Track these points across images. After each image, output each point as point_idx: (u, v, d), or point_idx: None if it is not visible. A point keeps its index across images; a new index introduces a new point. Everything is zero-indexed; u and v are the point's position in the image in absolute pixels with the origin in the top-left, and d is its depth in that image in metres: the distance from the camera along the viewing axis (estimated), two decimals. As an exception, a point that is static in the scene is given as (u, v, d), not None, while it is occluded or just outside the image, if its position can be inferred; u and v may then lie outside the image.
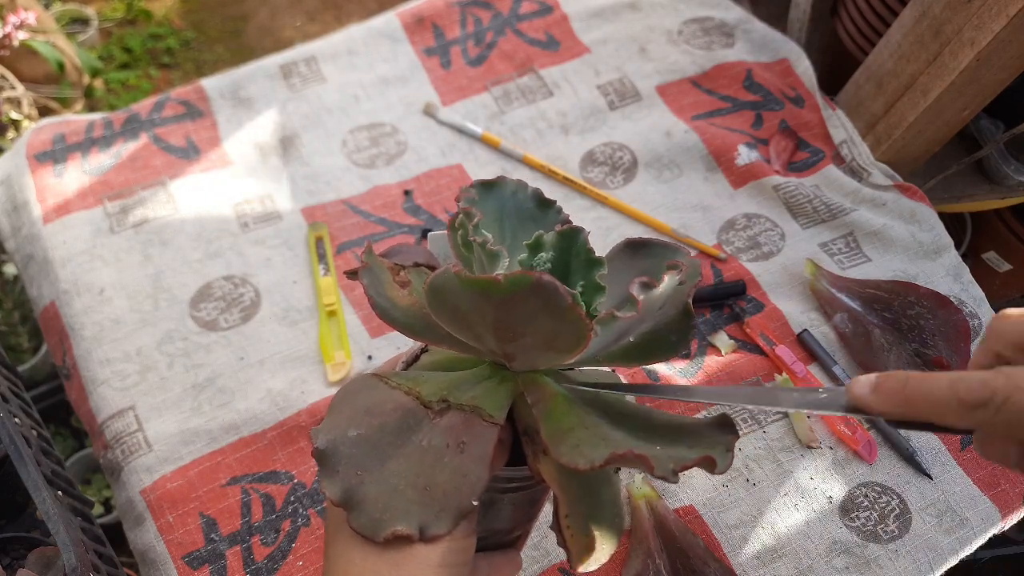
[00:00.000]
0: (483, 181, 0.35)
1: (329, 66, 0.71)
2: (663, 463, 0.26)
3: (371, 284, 0.33)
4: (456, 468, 0.29)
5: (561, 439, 0.29)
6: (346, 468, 0.29)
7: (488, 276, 0.26)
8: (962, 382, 0.24)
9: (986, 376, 0.23)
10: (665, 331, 0.33)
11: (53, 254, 0.60)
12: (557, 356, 0.30)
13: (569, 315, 0.26)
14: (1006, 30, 0.55)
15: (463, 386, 0.32)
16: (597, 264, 0.31)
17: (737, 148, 0.66)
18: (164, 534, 0.49)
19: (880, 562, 0.49)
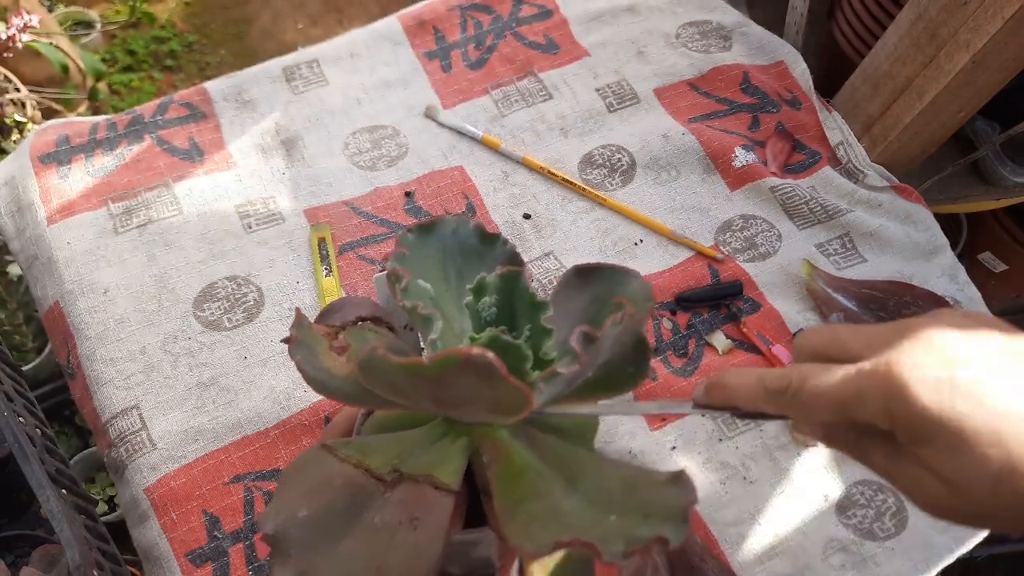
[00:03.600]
0: (420, 223, 0.34)
1: (331, 69, 0.72)
2: (613, 546, 0.25)
3: (304, 358, 0.32)
4: (410, 547, 0.28)
5: (512, 513, 0.28)
6: (297, 552, 0.28)
7: (413, 360, 0.25)
8: (767, 375, 0.30)
9: (785, 370, 0.30)
10: (621, 364, 0.32)
11: (57, 255, 0.60)
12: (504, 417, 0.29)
13: (504, 386, 0.25)
14: (1001, 32, 0.55)
15: (415, 451, 0.31)
16: (541, 307, 0.30)
17: (734, 150, 0.66)
18: (167, 532, 0.50)
19: (877, 560, 0.49)
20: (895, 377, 0.27)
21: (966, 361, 0.27)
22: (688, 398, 0.32)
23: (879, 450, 0.29)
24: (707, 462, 0.53)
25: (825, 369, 0.29)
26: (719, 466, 0.52)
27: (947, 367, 0.27)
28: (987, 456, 0.25)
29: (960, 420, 0.26)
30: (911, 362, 0.27)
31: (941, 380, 0.26)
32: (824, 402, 0.28)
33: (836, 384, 0.28)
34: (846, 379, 0.28)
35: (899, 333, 0.29)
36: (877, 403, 0.27)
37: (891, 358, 0.27)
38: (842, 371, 0.28)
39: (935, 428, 0.26)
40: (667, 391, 0.55)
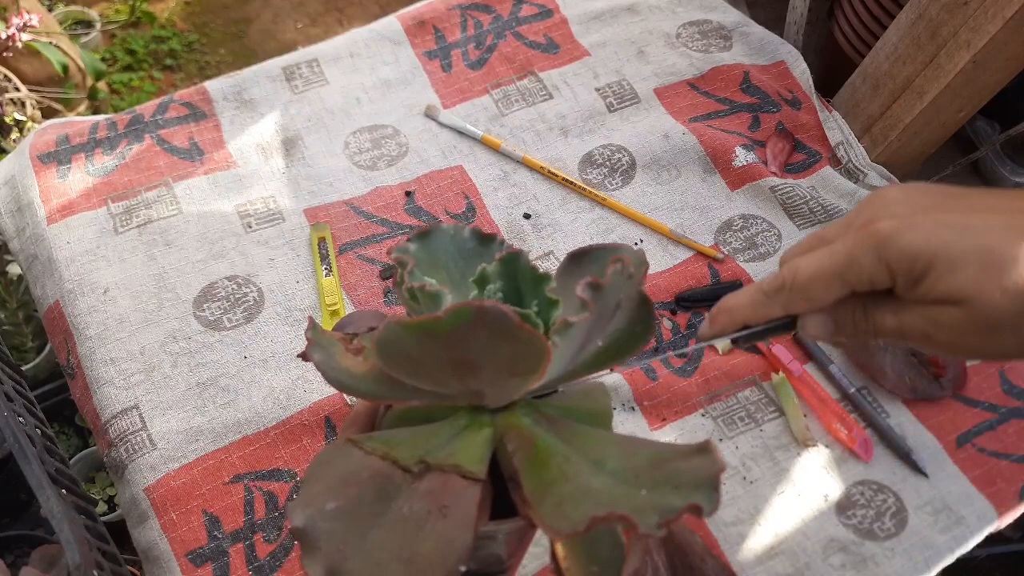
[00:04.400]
0: (418, 231, 0.35)
1: (331, 68, 0.72)
2: (648, 518, 0.25)
3: (323, 359, 0.32)
4: (440, 535, 0.28)
5: (543, 496, 0.28)
6: (327, 544, 0.28)
7: (429, 315, 0.25)
8: (762, 283, 0.32)
9: (777, 272, 0.32)
10: (629, 325, 0.33)
11: (57, 254, 0.60)
12: (524, 380, 0.29)
13: (521, 334, 0.26)
14: (1002, 32, 0.55)
15: (440, 442, 0.31)
16: (544, 279, 0.30)
17: (734, 150, 0.66)
18: (167, 532, 0.50)
19: (877, 560, 0.49)
20: (879, 229, 0.29)
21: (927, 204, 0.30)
22: None
23: (886, 311, 0.30)
24: (707, 462, 0.53)
25: (811, 254, 0.31)
26: (719, 466, 0.52)
27: (917, 211, 0.29)
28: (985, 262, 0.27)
29: (948, 243, 0.28)
30: (886, 214, 0.29)
31: (918, 219, 0.29)
32: (822, 278, 0.30)
33: (828, 258, 0.30)
34: (835, 251, 0.30)
35: (865, 205, 0.31)
36: (870, 258, 0.29)
37: (867, 218, 0.30)
38: (827, 247, 0.30)
39: (930, 257, 0.28)
40: (667, 391, 0.55)
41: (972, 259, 0.28)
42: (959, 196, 0.30)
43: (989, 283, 0.27)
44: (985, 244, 0.28)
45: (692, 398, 0.55)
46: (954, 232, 0.28)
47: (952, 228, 0.28)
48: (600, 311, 0.28)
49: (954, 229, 0.28)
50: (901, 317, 0.30)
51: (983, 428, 0.54)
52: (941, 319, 0.29)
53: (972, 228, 0.28)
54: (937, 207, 0.29)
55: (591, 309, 0.27)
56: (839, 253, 0.30)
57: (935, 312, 0.29)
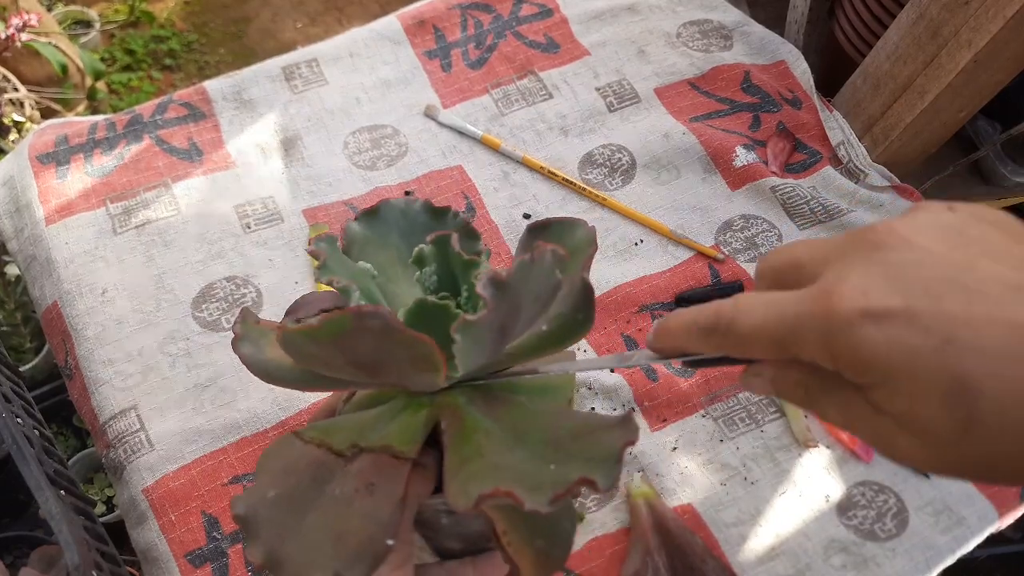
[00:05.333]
0: (365, 210, 0.35)
1: (331, 68, 0.72)
2: (537, 495, 0.24)
3: (250, 352, 0.32)
4: (367, 512, 0.29)
5: (456, 473, 0.28)
6: (267, 530, 0.29)
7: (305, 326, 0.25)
8: (700, 312, 0.26)
9: (720, 304, 0.25)
10: (572, 312, 0.32)
11: (56, 255, 0.60)
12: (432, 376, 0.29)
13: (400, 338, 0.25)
14: (1003, 32, 0.55)
15: (376, 425, 0.32)
16: (472, 265, 0.30)
17: (735, 150, 0.66)
18: (166, 532, 0.50)
19: (878, 560, 0.49)
20: (834, 307, 0.22)
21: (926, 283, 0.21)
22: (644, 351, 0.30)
23: (833, 400, 0.24)
24: (708, 463, 0.52)
25: (762, 299, 0.24)
26: (720, 467, 0.52)
27: (899, 292, 0.21)
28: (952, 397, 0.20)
29: (913, 361, 0.21)
30: (855, 287, 0.22)
31: (888, 310, 0.21)
32: (758, 339, 0.24)
33: (771, 318, 0.24)
34: (781, 311, 0.23)
35: (856, 245, 0.23)
36: (815, 340, 0.22)
37: (831, 283, 0.22)
38: (779, 300, 0.24)
39: (885, 371, 0.21)
40: (668, 392, 0.55)
41: (940, 387, 0.21)
42: (982, 247, 0.22)
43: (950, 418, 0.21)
44: (965, 368, 0.20)
45: (693, 399, 0.55)
46: (932, 340, 0.21)
47: (932, 332, 0.21)
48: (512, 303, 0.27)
49: (934, 334, 0.21)
50: (849, 414, 0.24)
51: (984, 429, 0.54)
52: (889, 438, 0.23)
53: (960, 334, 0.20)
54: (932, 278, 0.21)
55: (490, 307, 0.26)
56: (787, 318, 0.23)
57: (884, 426, 0.23)
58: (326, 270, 0.31)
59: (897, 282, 0.22)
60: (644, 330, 0.58)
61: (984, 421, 0.20)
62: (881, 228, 0.24)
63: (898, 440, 0.23)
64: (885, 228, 0.24)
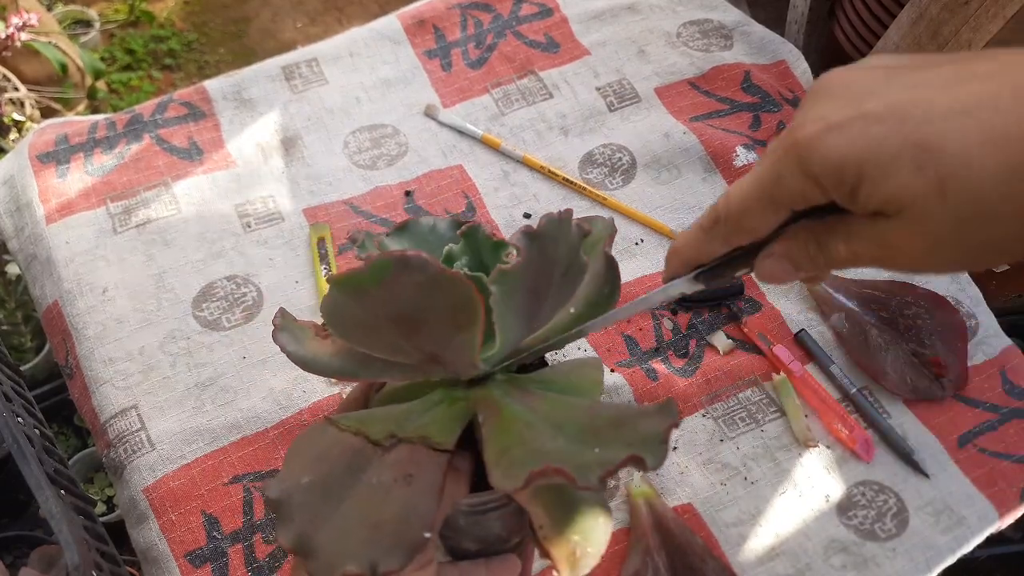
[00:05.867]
0: (396, 225, 0.35)
1: (331, 68, 0.72)
2: (586, 473, 0.25)
3: (290, 342, 0.33)
4: (404, 501, 0.29)
5: (498, 460, 0.28)
6: (300, 515, 0.29)
7: (352, 271, 0.26)
8: (700, 217, 0.29)
9: (714, 204, 0.28)
10: (598, 288, 0.32)
11: (56, 254, 0.60)
12: (469, 335, 0.29)
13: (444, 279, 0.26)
14: (1003, 32, 0.55)
15: (412, 417, 0.32)
16: (501, 246, 0.31)
17: (735, 149, 0.66)
18: (166, 532, 0.50)
19: (878, 560, 0.49)
20: (798, 139, 0.24)
21: (866, 88, 0.24)
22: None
23: (838, 239, 0.26)
24: (708, 463, 0.52)
25: (743, 178, 0.27)
26: (720, 467, 0.52)
27: (852, 100, 0.24)
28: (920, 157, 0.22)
29: (877, 141, 0.23)
30: (814, 114, 0.25)
31: (847, 113, 0.24)
32: (752, 204, 0.27)
33: (754, 181, 0.26)
34: (760, 172, 0.26)
35: (807, 98, 0.26)
36: (794, 173, 0.25)
37: (794, 124, 0.25)
38: (755, 168, 0.27)
39: (857, 163, 0.23)
40: (668, 391, 0.55)
41: (905, 157, 0.23)
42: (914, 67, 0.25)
43: (924, 184, 0.23)
44: (923, 134, 0.23)
45: (693, 398, 0.55)
46: (888, 124, 0.23)
47: (886, 119, 0.23)
48: (543, 261, 0.28)
49: (889, 120, 0.23)
50: (851, 244, 0.26)
51: (984, 428, 0.54)
52: (889, 239, 0.25)
53: (912, 112, 0.23)
54: (878, 90, 0.24)
55: (524, 255, 0.27)
56: (765, 173, 0.26)
57: (882, 230, 0.25)
58: (363, 248, 0.31)
59: (847, 100, 0.24)
60: (645, 330, 0.58)
61: (954, 175, 0.22)
62: (820, 80, 0.27)
63: (897, 239, 0.24)
64: (823, 78, 0.27)
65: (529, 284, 0.29)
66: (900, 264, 0.26)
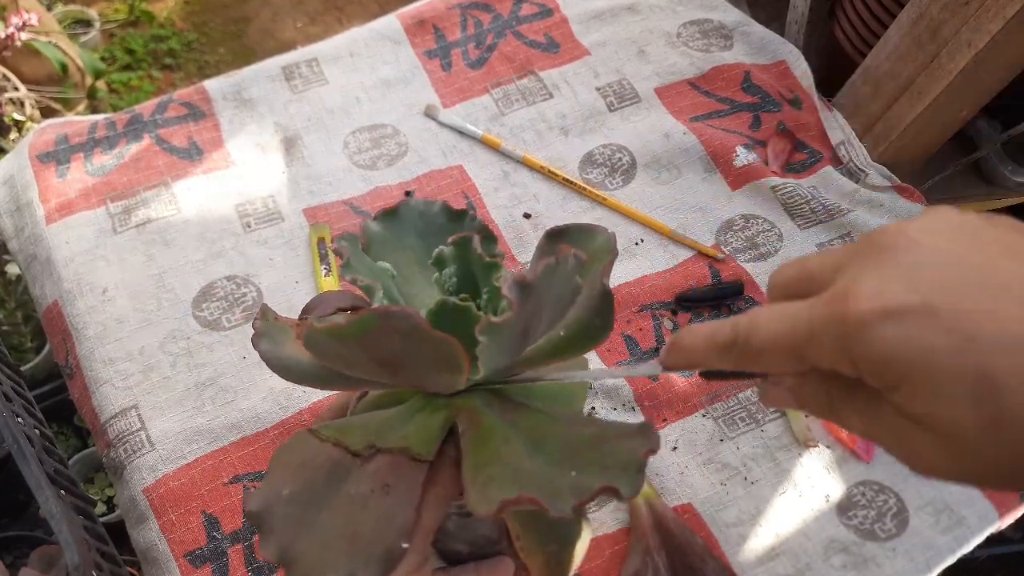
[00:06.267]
0: (384, 210, 0.35)
1: (331, 68, 0.72)
2: (559, 503, 0.25)
3: (269, 348, 0.33)
4: (382, 512, 0.29)
5: (475, 478, 0.28)
6: (281, 527, 0.29)
7: (333, 324, 0.25)
8: (719, 327, 0.26)
9: (736, 319, 0.25)
10: (589, 316, 0.32)
11: (56, 254, 0.60)
12: (453, 377, 0.29)
13: (427, 338, 0.26)
14: (1003, 32, 0.55)
15: (392, 426, 0.32)
16: (493, 268, 0.30)
17: (735, 149, 0.66)
18: (166, 532, 0.50)
19: (878, 560, 0.49)
20: (849, 310, 0.21)
21: (943, 282, 0.21)
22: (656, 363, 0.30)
23: (855, 407, 0.24)
24: (708, 463, 0.52)
25: (776, 310, 0.24)
26: (720, 467, 0.52)
27: (915, 290, 0.21)
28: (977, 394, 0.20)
29: (934, 356, 0.20)
30: (869, 288, 0.22)
31: (907, 308, 0.21)
32: (775, 350, 0.24)
33: (786, 328, 0.23)
34: (796, 319, 0.23)
35: (867, 249, 0.23)
36: (832, 344, 0.22)
37: (846, 286, 0.22)
38: (792, 310, 0.23)
39: (905, 368, 0.21)
40: (668, 392, 0.55)
41: (965, 384, 0.20)
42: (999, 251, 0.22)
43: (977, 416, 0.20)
44: (990, 365, 0.20)
45: (693, 398, 0.55)
46: (952, 338, 0.20)
47: (952, 331, 0.20)
48: (535, 305, 0.27)
49: (955, 333, 0.20)
50: (867, 422, 0.24)
51: (984, 428, 0.54)
52: (911, 439, 0.23)
53: (983, 330, 0.20)
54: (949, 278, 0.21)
55: (516, 309, 0.26)
56: (801, 326, 0.23)
57: (905, 430, 0.22)
58: (349, 268, 0.31)
59: (913, 281, 0.21)
60: (645, 330, 0.58)
61: (1010, 419, 0.20)
62: (892, 230, 0.23)
63: (921, 446, 0.22)
64: (896, 230, 0.23)
65: (520, 328, 0.28)
66: (913, 464, 0.24)
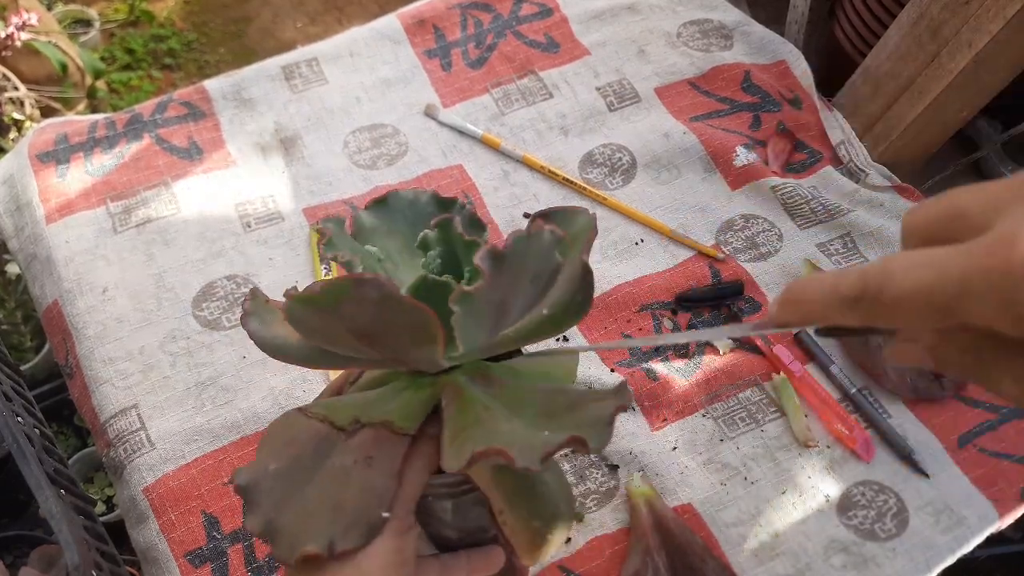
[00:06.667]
0: (374, 199, 0.35)
1: (331, 67, 0.72)
2: (528, 454, 0.25)
3: (258, 328, 0.33)
4: (363, 483, 0.29)
5: (452, 441, 0.29)
6: (266, 501, 0.29)
7: (306, 292, 0.26)
8: (843, 277, 0.22)
9: (864, 268, 0.22)
10: (571, 294, 0.31)
11: (56, 254, 0.60)
12: (430, 350, 0.29)
13: (398, 305, 0.26)
14: (1004, 31, 0.55)
15: (378, 403, 0.32)
16: (473, 246, 0.31)
17: (735, 149, 0.66)
18: (166, 532, 0.50)
19: (878, 560, 0.49)
20: (1019, 258, 0.18)
21: None
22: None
23: (1008, 371, 0.21)
24: (708, 463, 0.52)
25: (918, 257, 0.21)
26: (720, 467, 0.52)
27: None
28: None
29: None
30: None
31: None
32: (918, 303, 0.20)
33: (932, 278, 0.20)
34: (946, 268, 0.20)
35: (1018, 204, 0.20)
36: (993, 299, 0.19)
37: (1012, 231, 0.19)
38: (940, 256, 0.20)
39: None
40: (668, 391, 0.55)
41: None
42: None
43: None
44: None
45: (693, 398, 0.55)
46: None
47: None
48: (510, 278, 0.28)
49: None
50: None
51: (984, 428, 0.54)
52: None
53: None
54: None
55: (486, 278, 0.26)
56: (952, 275, 0.20)
57: None
58: (331, 246, 0.31)
59: None
60: (645, 330, 0.58)
61: None
62: None
63: None
64: None
65: (495, 299, 0.28)
66: None
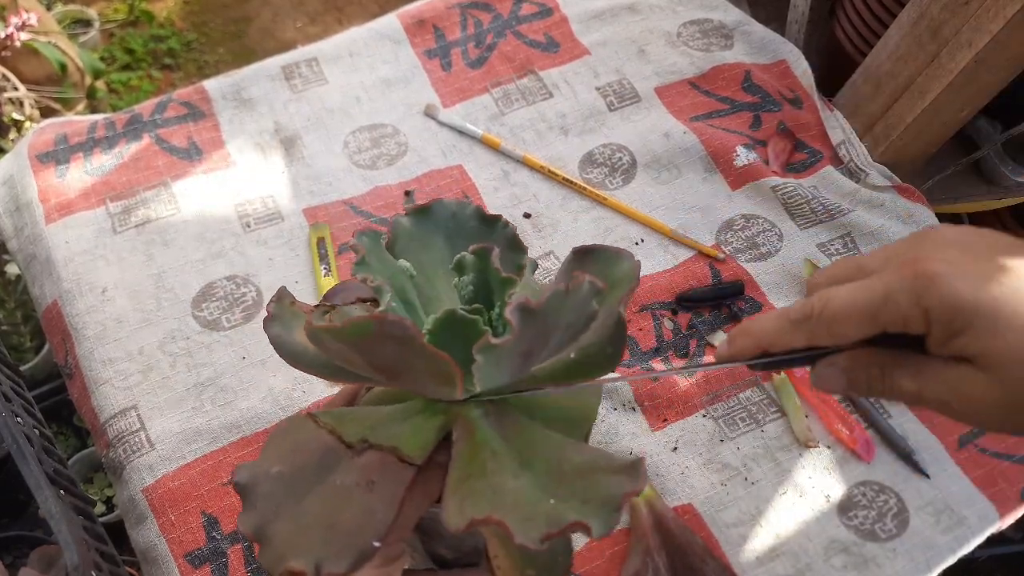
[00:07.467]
0: (417, 207, 0.34)
1: (331, 67, 0.72)
2: (528, 530, 0.25)
3: (279, 333, 0.33)
4: (362, 506, 0.29)
5: (456, 489, 0.28)
6: (264, 503, 0.29)
7: (330, 325, 0.26)
8: (789, 309, 0.30)
9: (806, 299, 0.29)
10: (601, 343, 0.32)
11: (55, 254, 0.60)
12: (448, 390, 0.29)
13: (420, 350, 0.26)
14: (1004, 31, 0.55)
15: (387, 424, 0.32)
16: (508, 284, 0.30)
17: (735, 149, 0.66)
18: (166, 533, 0.49)
19: (878, 561, 0.49)
20: (924, 270, 0.26)
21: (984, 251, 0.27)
22: None
23: (906, 374, 0.28)
24: (708, 463, 0.52)
25: (846, 285, 0.28)
26: (720, 467, 0.52)
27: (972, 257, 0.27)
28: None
29: (996, 301, 0.25)
30: (937, 255, 0.27)
31: (970, 269, 0.26)
32: (853, 313, 0.28)
33: (863, 293, 0.27)
34: (872, 286, 0.27)
35: (915, 241, 0.29)
36: (908, 299, 0.26)
37: (918, 255, 0.27)
38: (864, 281, 0.28)
39: (972, 311, 0.25)
40: (668, 391, 0.55)
41: (1019, 323, 0.25)
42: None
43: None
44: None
45: (693, 398, 0.55)
46: (1008, 288, 0.26)
47: (1007, 285, 0.26)
48: (541, 330, 0.27)
49: (1009, 286, 0.26)
50: (921, 382, 0.28)
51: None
52: (965, 388, 0.27)
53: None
54: (997, 256, 0.27)
55: (516, 334, 0.26)
56: (876, 289, 0.27)
57: (960, 377, 0.27)
58: (363, 266, 0.31)
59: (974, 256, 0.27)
60: (645, 330, 0.58)
61: None
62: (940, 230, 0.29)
63: (974, 389, 0.26)
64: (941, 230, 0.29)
65: (520, 353, 0.28)
66: (965, 412, 0.27)
